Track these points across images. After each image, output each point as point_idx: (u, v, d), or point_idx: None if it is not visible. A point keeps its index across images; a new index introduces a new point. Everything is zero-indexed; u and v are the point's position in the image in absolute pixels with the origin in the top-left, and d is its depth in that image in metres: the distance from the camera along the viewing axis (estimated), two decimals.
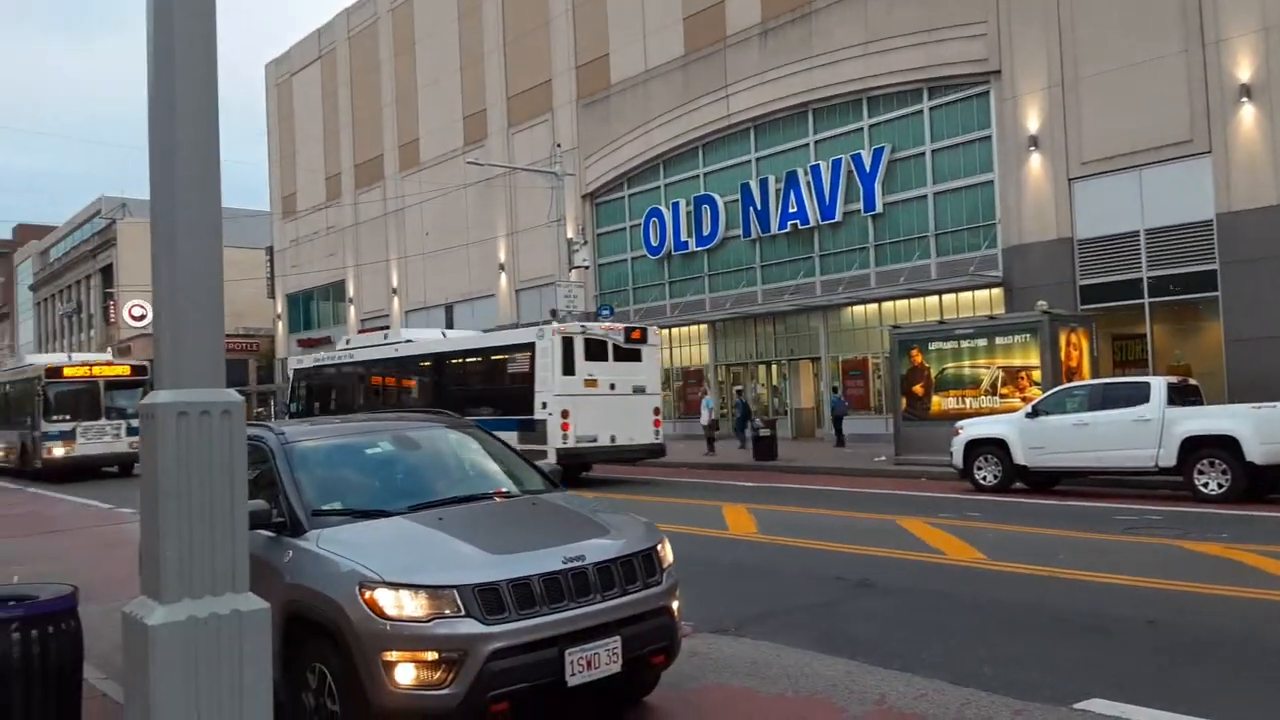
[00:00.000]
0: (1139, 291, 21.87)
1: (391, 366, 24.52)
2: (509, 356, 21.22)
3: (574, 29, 35.86)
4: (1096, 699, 5.43)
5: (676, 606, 5.29)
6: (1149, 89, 21.22)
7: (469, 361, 22.81)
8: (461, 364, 22.97)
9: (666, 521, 8.49)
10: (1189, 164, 20.88)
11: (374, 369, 25.16)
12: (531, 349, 19.94)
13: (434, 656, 4.40)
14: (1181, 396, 14.77)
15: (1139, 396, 14.63)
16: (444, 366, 23.19)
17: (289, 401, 28.24)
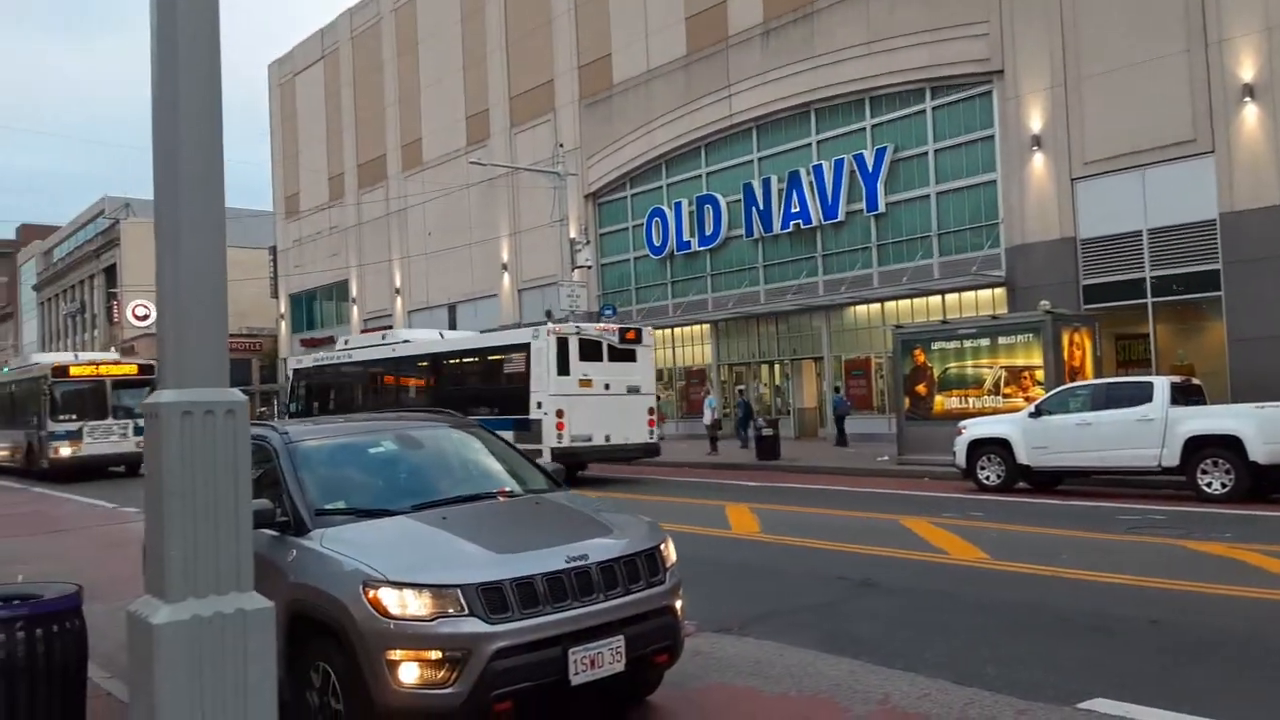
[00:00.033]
0: (1142, 291, 21.85)
1: (390, 366, 24.60)
2: (505, 357, 21.32)
3: (576, 29, 35.87)
4: (1100, 699, 5.43)
5: (680, 606, 5.29)
6: (1151, 88, 21.19)
7: (466, 362, 22.92)
8: (459, 364, 23.07)
9: (669, 521, 8.49)
10: (1192, 164, 20.85)
11: (373, 369, 25.23)
12: (527, 349, 20.03)
13: (438, 655, 4.41)
14: (1185, 396, 14.76)
15: (1142, 396, 14.62)
16: (441, 366, 23.30)
17: (288, 401, 28.31)
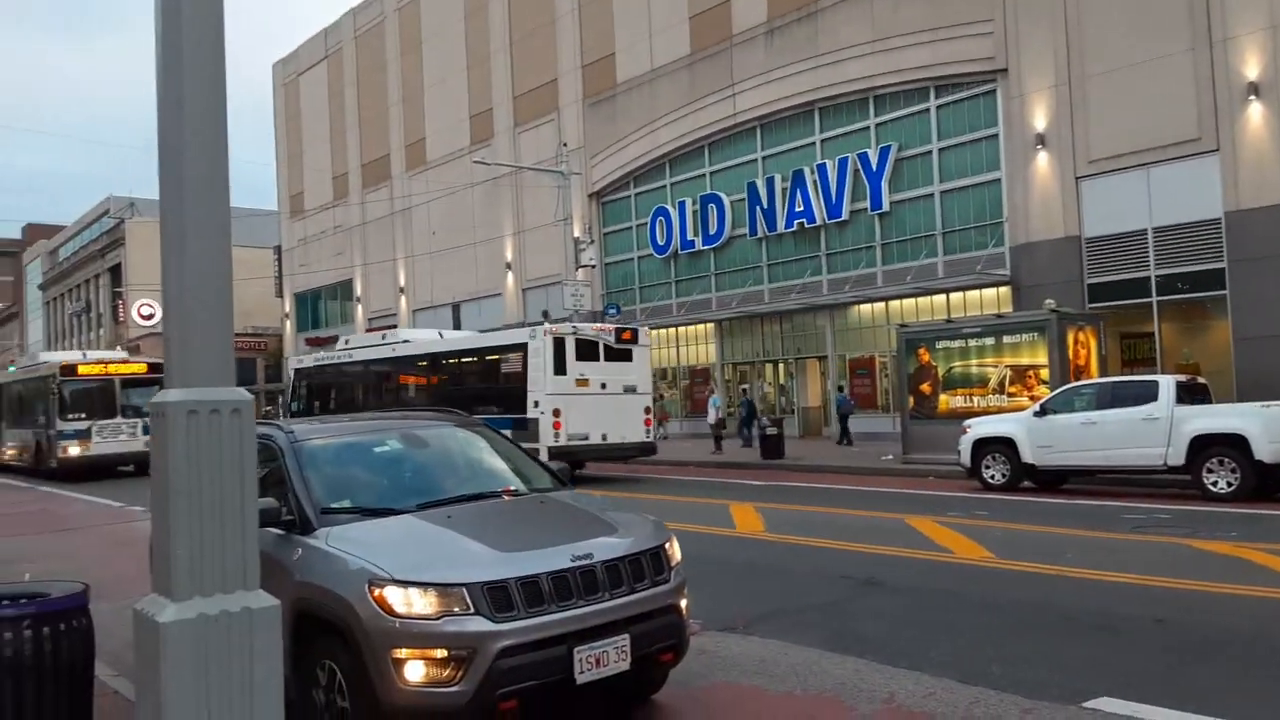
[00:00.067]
0: (1147, 290, 21.81)
1: (390, 366, 24.79)
2: (502, 356, 21.50)
3: (580, 28, 35.87)
4: (1105, 698, 5.42)
5: (685, 604, 5.29)
6: (1156, 87, 21.15)
7: (464, 361, 23.12)
8: (457, 363, 23.27)
9: (674, 520, 8.49)
10: (1197, 162, 20.81)
11: (373, 368, 25.42)
12: (524, 349, 20.22)
13: (443, 654, 4.41)
14: (1190, 395, 14.72)
15: (1147, 395, 14.59)
16: (440, 366, 23.51)
17: (290, 400, 28.46)
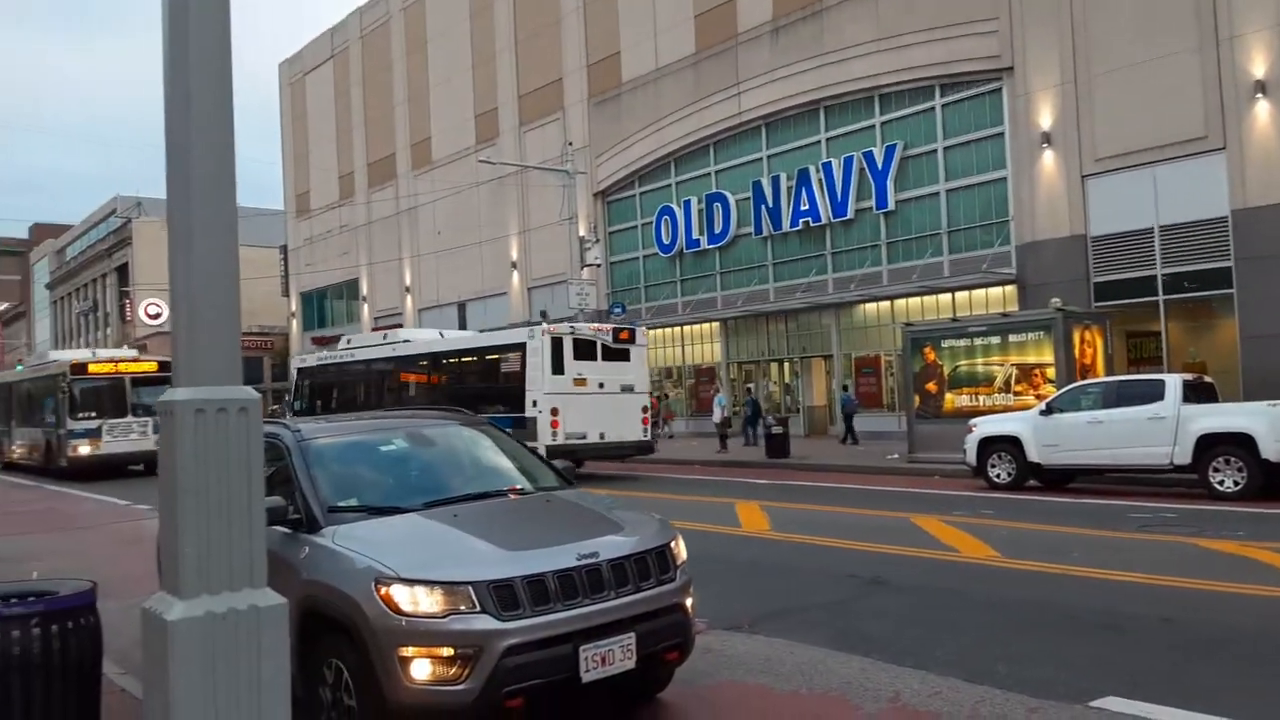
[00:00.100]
0: (1153, 289, 21.76)
1: (391, 365, 24.99)
2: (501, 356, 21.70)
3: (585, 27, 35.87)
4: (1111, 697, 5.41)
5: (690, 603, 5.29)
6: (1162, 85, 21.09)
7: (464, 361, 23.32)
8: (457, 363, 23.48)
9: (679, 519, 8.50)
10: (1203, 160, 20.74)
11: (374, 367, 25.63)
12: (522, 349, 20.39)
13: (449, 652, 4.42)
14: (1196, 394, 14.67)
15: (1154, 394, 14.55)
16: (440, 365, 23.71)
17: (292, 399, 28.62)
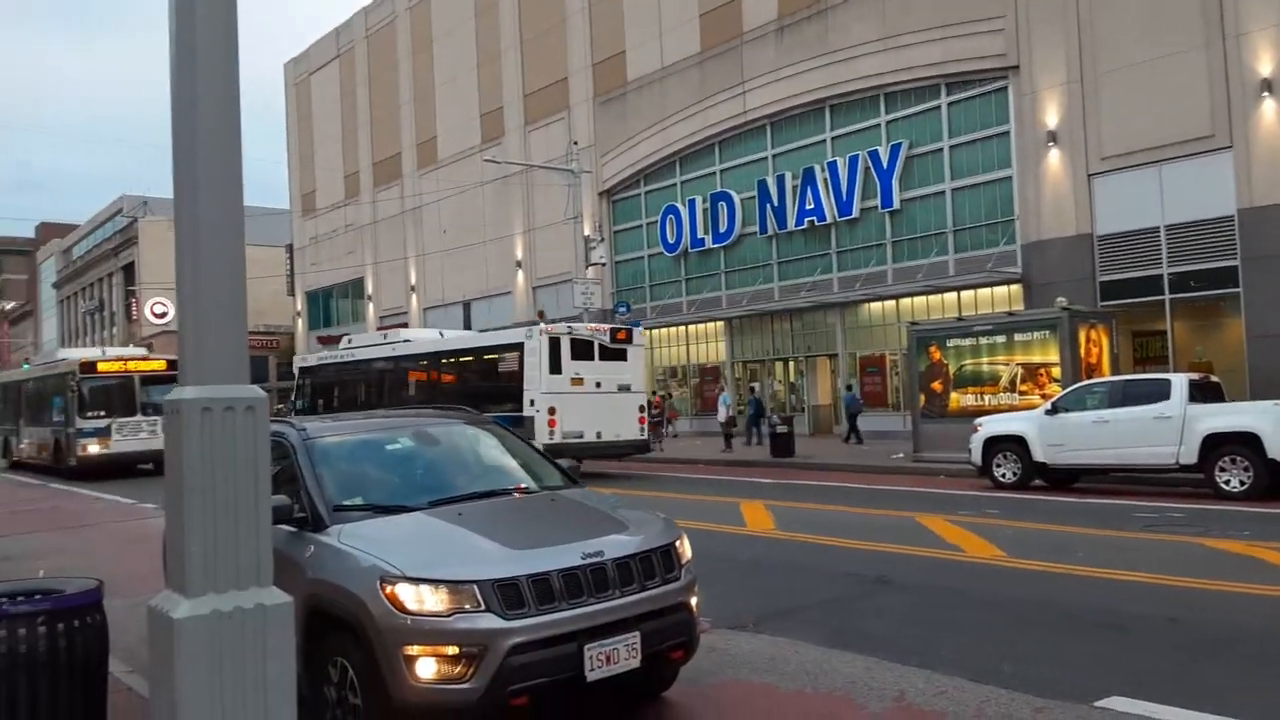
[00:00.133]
0: (1159, 288, 21.70)
1: (391, 364, 25.16)
2: (499, 356, 21.88)
3: (590, 26, 35.87)
4: (1116, 696, 5.41)
5: (695, 602, 5.30)
6: (1169, 84, 21.03)
7: (463, 360, 23.51)
8: (456, 362, 23.65)
9: (684, 518, 8.51)
10: (1210, 159, 20.69)
11: (375, 367, 25.78)
12: (520, 348, 20.56)
13: (454, 651, 4.43)
14: (1203, 393, 14.64)
15: (1160, 393, 14.52)
16: (440, 365, 23.89)
17: (294, 398, 28.77)
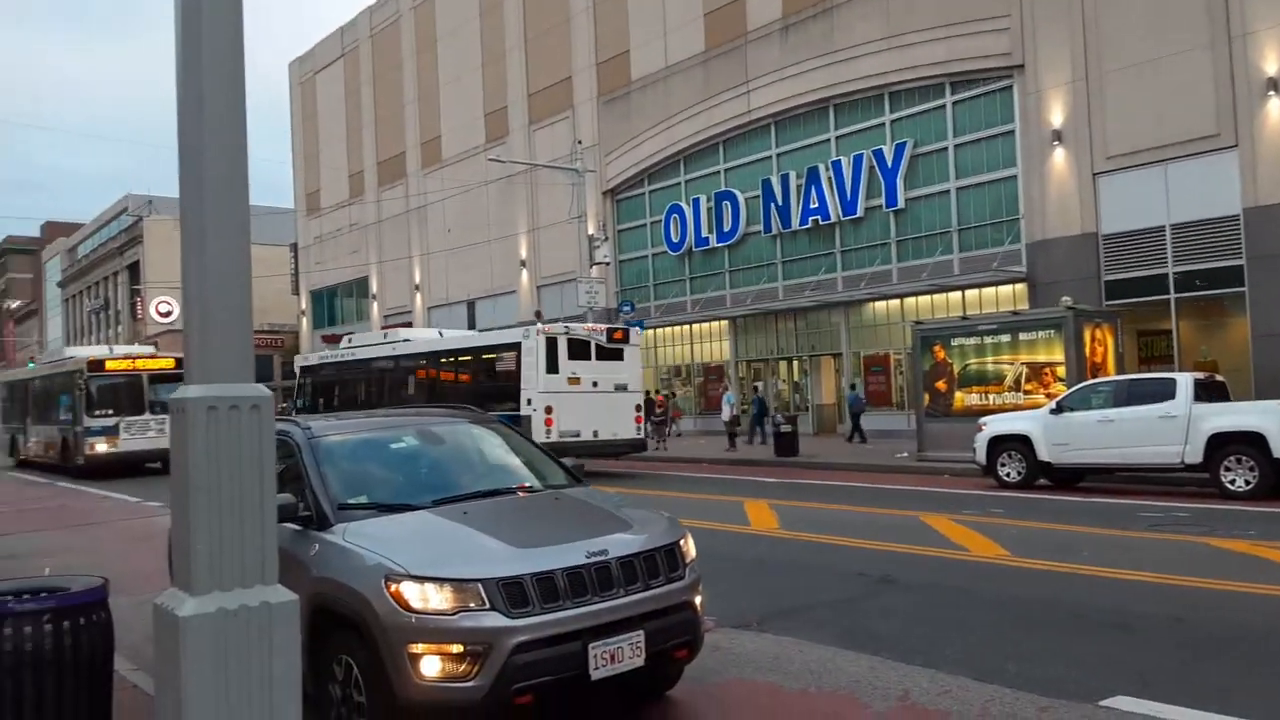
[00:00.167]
0: (1164, 287, 21.65)
1: (391, 364, 25.27)
2: (497, 355, 22.06)
3: (594, 26, 35.86)
4: (1121, 696, 5.40)
5: (699, 601, 5.31)
6: (1174, 82, 20.99)
7: (461, 360, 23.67)
8: (454, 361, 23.82)
9: (688, 517, 8.52)
10: (1215, 158, 20.64)
11: (375, 366, 25.91)
12: (518, 348, 20.70)
13: (459, 649, 4.44)
14: (1208, 393, 14.60)
15: (1165, 393, 14.49)
16: (439, 364, 24.04)
17: (295, 397, 28.84)
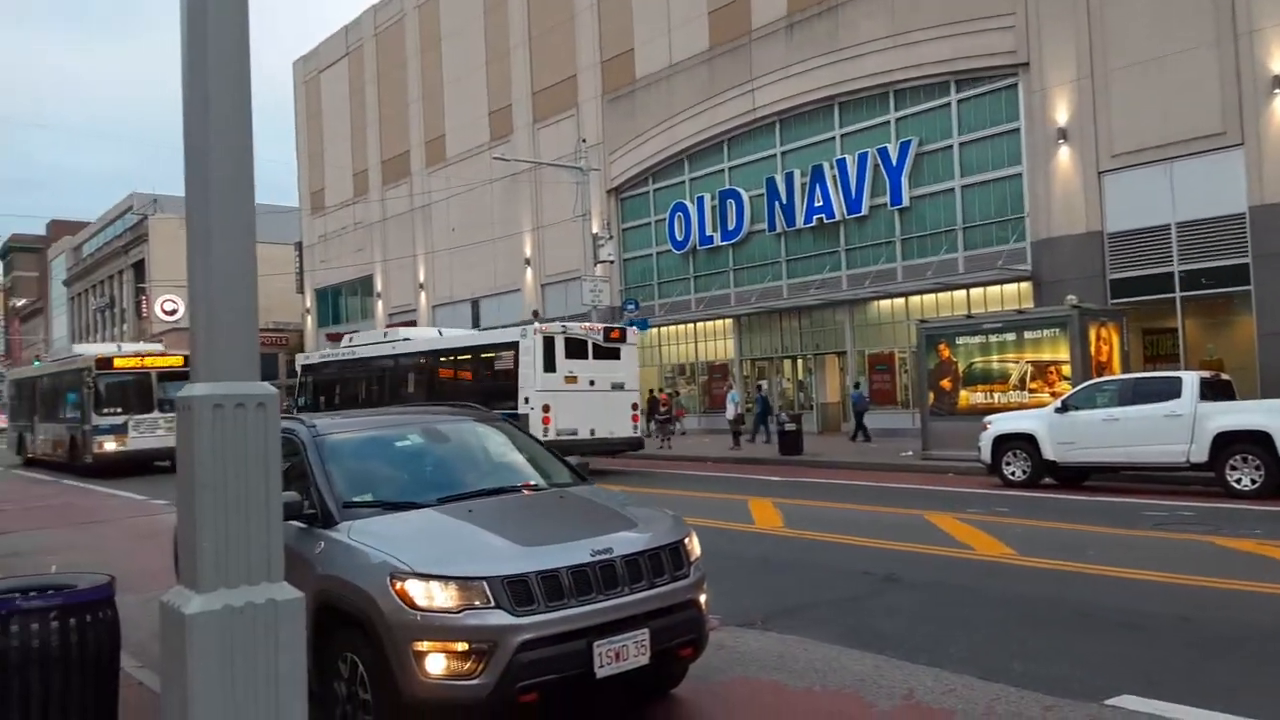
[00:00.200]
0: (1170, 285, 21.60)
1: (391, 362, 25.37)
2: (495, 354, 22.19)
3: (599, 24, 35.85)
4: (1127, 695, 5.39)
5: (704, 599, 5.31)
6: (1180, 80, 20.93)
7: (460, 359, 23.85)
8: (453, 360, 23.99)
9: (693, 515, 8.52)
10: (1221, 156, 20.58)
11: (375, 365, 26.01)
12: (515, 347, 20.83)
13: (464, 647, 4.45)
14: (1213, 391, 14.56)
15: (1170, 391, 14.46)
16: (438, 363, 24.15)
17: (296, 396, 28.91)
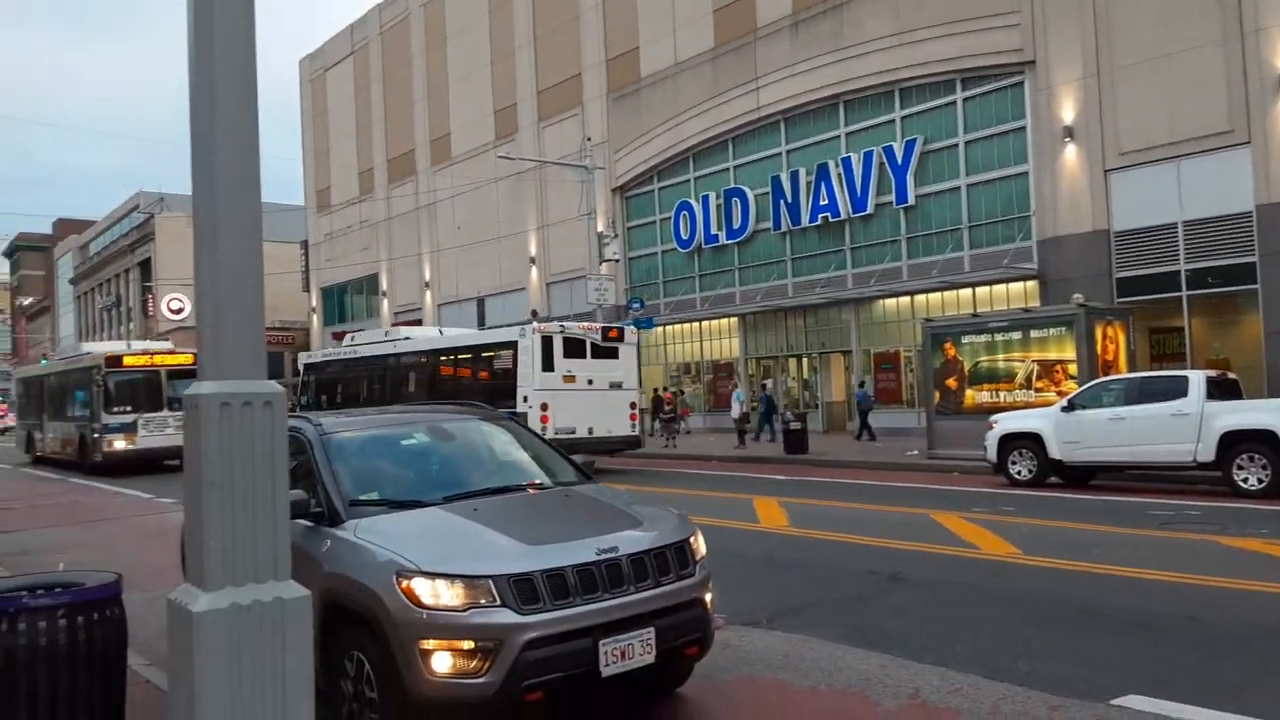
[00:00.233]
0: (1176, 284, 21.55)
1: (392, 361, 25.51)
2: (495, 354, 22.33)
3: (604, 23, 35.85)
4: (1134, 695, 5.38)
5: (709, 598, 5.31)
6: (1186, 79, 20.88)
7: (459, 358, 24.00)
8: (453, 359, 24.13)
9: (697, 514, 8.52)
10: (1228, 155, 20.53)
11: (376, 364, 26.16)
12: (514, 347, 20.94)
13: (470, 645, 4.45)
14: (1220, 390, 14.52)
15: (1177, 390, 14.42)
16: (438, 362, 24.29)
17: (299, 394, 28.98)
